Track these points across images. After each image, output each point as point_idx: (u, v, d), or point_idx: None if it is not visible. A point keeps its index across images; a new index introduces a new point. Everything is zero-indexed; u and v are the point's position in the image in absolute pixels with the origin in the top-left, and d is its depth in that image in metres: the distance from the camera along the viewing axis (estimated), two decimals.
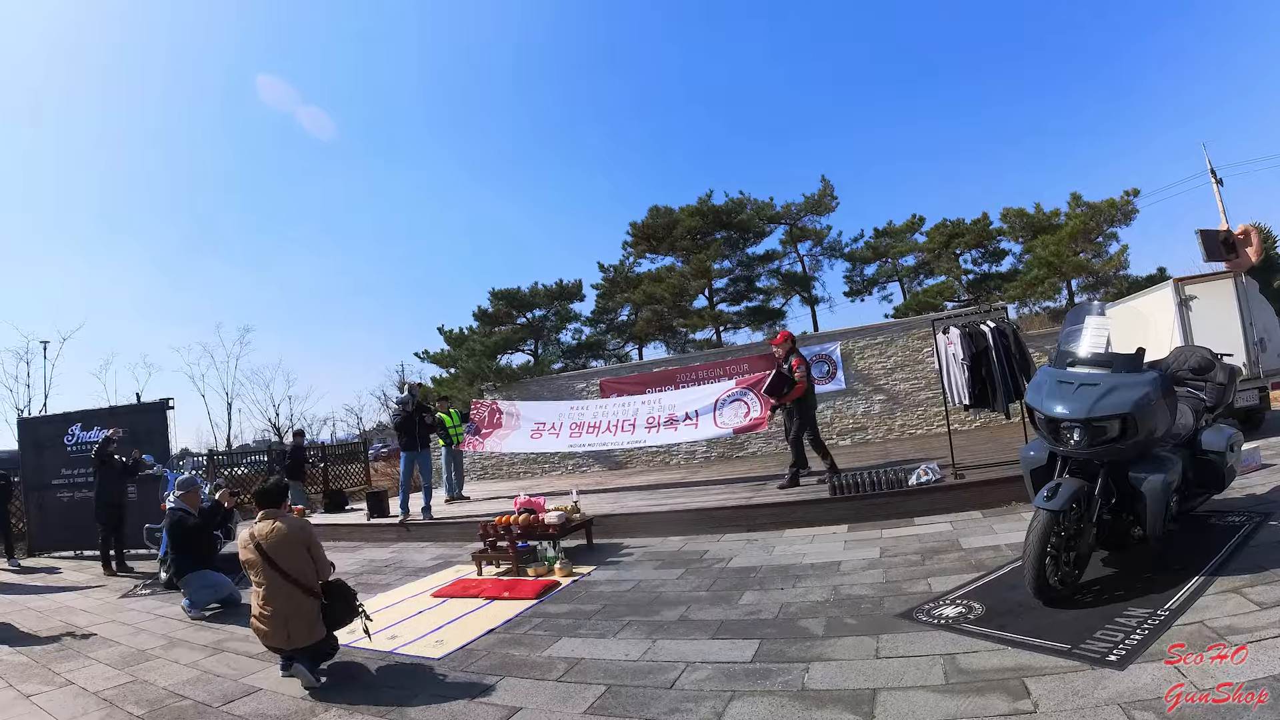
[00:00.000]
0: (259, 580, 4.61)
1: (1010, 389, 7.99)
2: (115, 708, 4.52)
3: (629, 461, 17.23)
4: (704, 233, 25.81)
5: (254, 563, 4.61)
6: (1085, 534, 4.42)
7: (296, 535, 4.74)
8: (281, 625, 4.55)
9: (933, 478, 7.92)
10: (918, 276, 26.92)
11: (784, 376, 9.46)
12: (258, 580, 4.62)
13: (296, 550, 4.68)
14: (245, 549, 4.68)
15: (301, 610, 4.59)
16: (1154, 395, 4.44)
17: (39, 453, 12.44)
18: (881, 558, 6.15)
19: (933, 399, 15.03)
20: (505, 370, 21.69)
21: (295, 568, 4.63)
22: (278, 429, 36.36)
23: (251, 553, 4.62)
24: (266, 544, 4.61)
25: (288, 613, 4.56)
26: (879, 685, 3.55)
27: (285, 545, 4.65)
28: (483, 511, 10.27)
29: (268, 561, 4.58)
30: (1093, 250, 21.95)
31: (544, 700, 3.97)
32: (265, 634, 4.61)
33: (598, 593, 6.24)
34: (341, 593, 4.89)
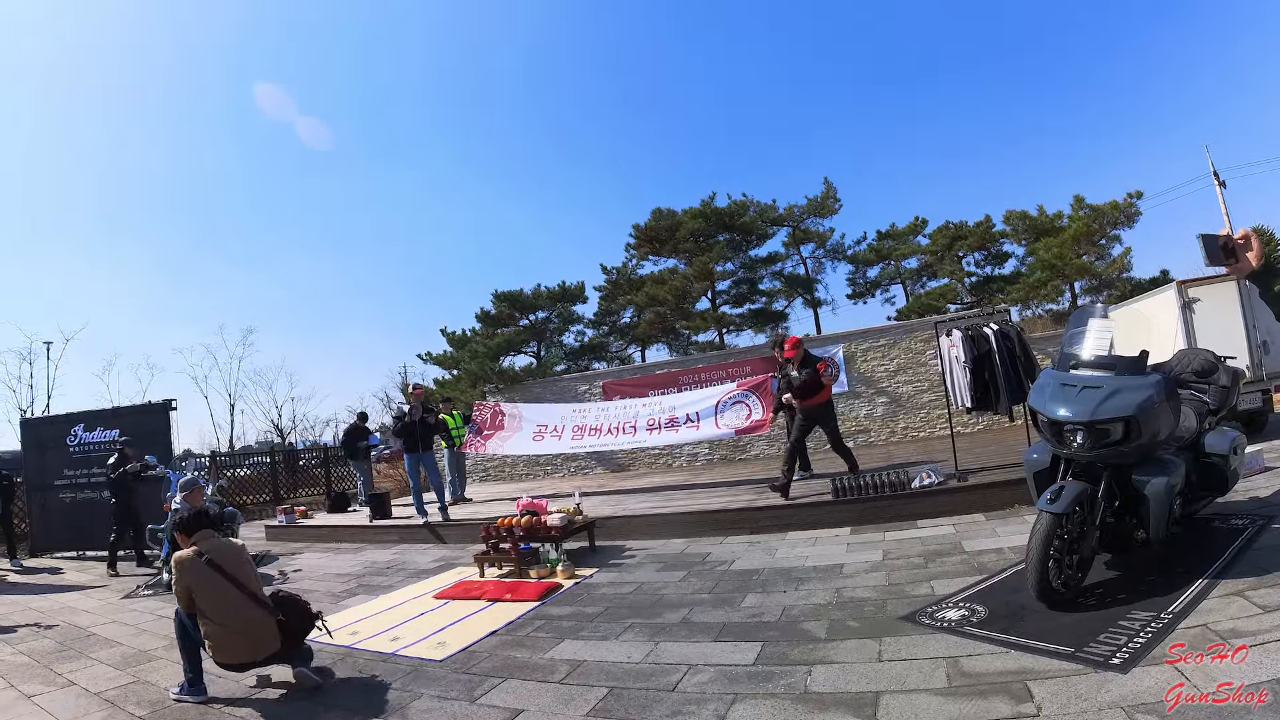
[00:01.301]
0: (212, 597, 4.49)
1: (1014, 391, 7.97)
2: (117, 708, 4.53)
3: (631, 464, 17.23)
4: (707, 235, 25.78)
5: (201, 580, 4.50)
6: (1088, 537, 4.41)
7: (240, 549, 4.84)
8: (247, 637, 4.51)
9: (935, 480, 7.91)
10: (920, 279, 26.84)
11: (813, 379, 9.38)
12: (210, 598, 4.49)
13: (245, 562, 4.74)
14: (187, 569, 4.53)
15: (261, 619, 4.57)
16: (1157, 398, 4.44)
17: (41, 453, 12.49)
18: (884, 560, 6.14)
19: (935, 401, 15.00)
20: (508, 372, 21.70)
21: (248, 578, 4.66)
22: (280, 430, 36.39)
23: (199, 570, 4.52)
24: (218, 558, 4.60)
25: (252, 621, 4.53)
26: (882, 688, 3.55)
27: (234, 557, 4.71)
28: (485, 513, 10.26)
29: (222, 574, 4.54)
30: (1096, 253, 21.90)
31: (546, 702, 3.97)
32: (232, 649, 4.51)
33: (600, 595, 6.24)
34: (294, 604, 4.86)
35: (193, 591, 4.49)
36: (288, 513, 13.19)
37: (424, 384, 22.76)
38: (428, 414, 10.64)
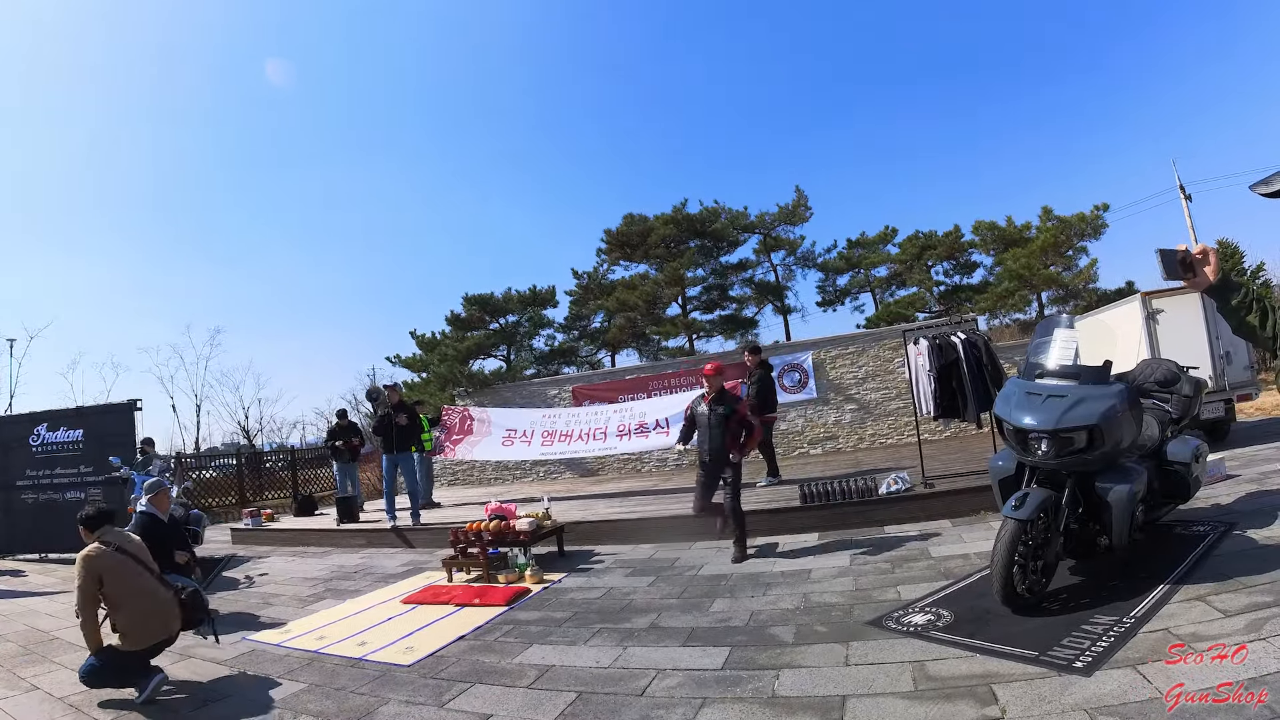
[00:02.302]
0: (127, 582, 4.76)
1: (980, 399, 8.05)
2: (81, 713, 4.46)
3: (601, 469, 17.20)
4: (678, 241, 25.88)
5: (116, 568, 4.74)
6: (1052, 543, 4.47)
7: (138, 540, 5.21)
8: (160, 616, 4.84)
9: (902, 487, 7.97)
10: (890, 287, 27.12)
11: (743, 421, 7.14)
12: (125, 584, 4.74)
13: (144, 548, 5.12)
14: (102, 561, 4.71)
15: (169, 599, 4.95)
16: (1120, 407, 4.51)
17: (4, 453, 12.20)
18: (851, 565, 6.18)
19: (903, 409, 15.13)
20: (477, 375, 21.59)
21: (152, 562, 5.06)
22: (247, 432, 35.88)
23: (113, 559, 4.75)
24: (126, 546, 4.93)
25: (163, 600, 4.90)
26: (848, 692, 3.57)
27: (137, 545, 5.07)
28: (454, 518, 10.20)
29: (134, 559, 4.89)
30: (1063, 263, 22.26)
31: (515, 707, 3.95)
32: (149, 631, 4.76)
33: (569, 600, 6.22)
34: (195, 597, 5.24)
35: (106, 582, 4.66)
36: (254, 516, 13.01)
37: (398, 384, 22.60)
38: (401, 414, 10.55)
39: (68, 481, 11.42)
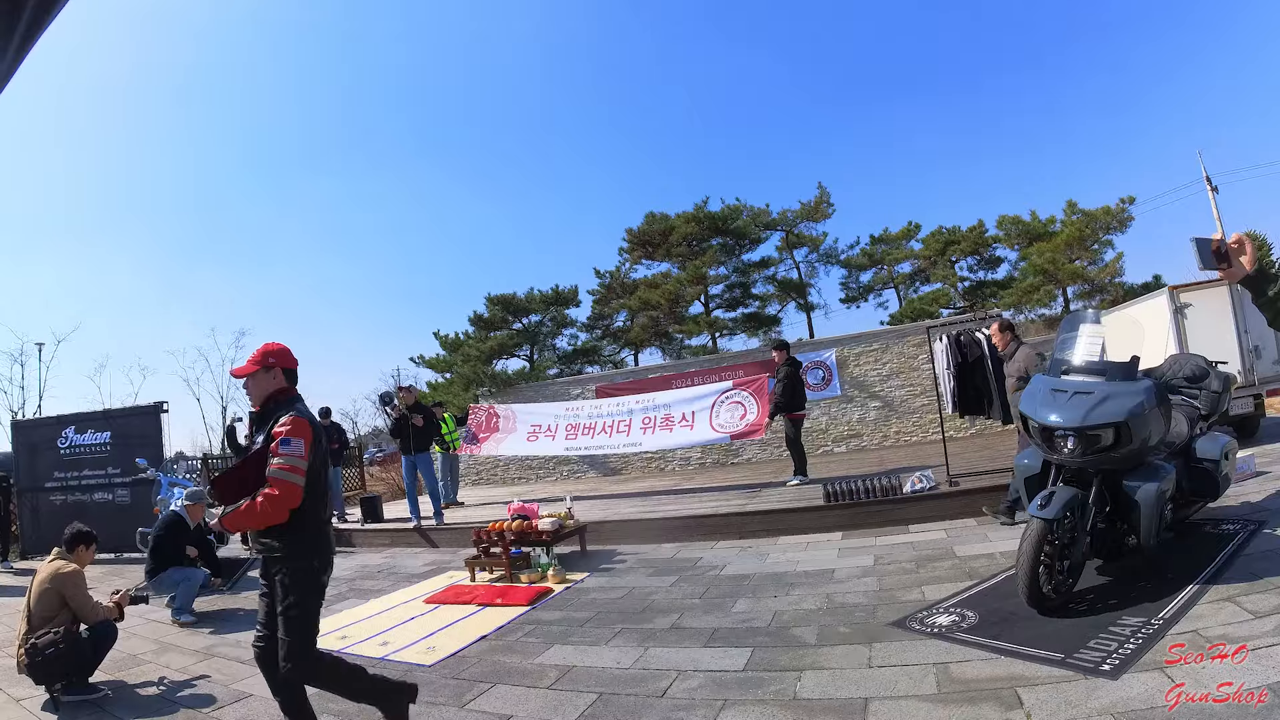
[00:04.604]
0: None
1: (1005, 396, 7.97)
2: (105, 712, 4.51)
3: (624, 468, 17.21)
4: (700, 239, 25.84)
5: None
6: (1079, 543, 4.41)
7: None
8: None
9: (927, 485, 7.91)
10: (913, 283, 26.92)
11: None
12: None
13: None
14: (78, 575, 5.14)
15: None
16: (1148, 404, 4.44)
17: (33, 455, 12.43)
18: (875, 565, 6.13)
19: (928, 406, 15.01)
20: (500, 375, 21.69)
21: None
22: None
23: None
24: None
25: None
26: (871, 694, 3.54)
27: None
28: (477, 517, 10.25)
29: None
30: (1088, 258, 21.97)
31: (535, 708, 3.95)
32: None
33: (590, 600, 6.22)
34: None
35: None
36: None
37: (415, 385, 22.72)
38: (417, 414, 10.58)
39: (95, 483, 11.62)
